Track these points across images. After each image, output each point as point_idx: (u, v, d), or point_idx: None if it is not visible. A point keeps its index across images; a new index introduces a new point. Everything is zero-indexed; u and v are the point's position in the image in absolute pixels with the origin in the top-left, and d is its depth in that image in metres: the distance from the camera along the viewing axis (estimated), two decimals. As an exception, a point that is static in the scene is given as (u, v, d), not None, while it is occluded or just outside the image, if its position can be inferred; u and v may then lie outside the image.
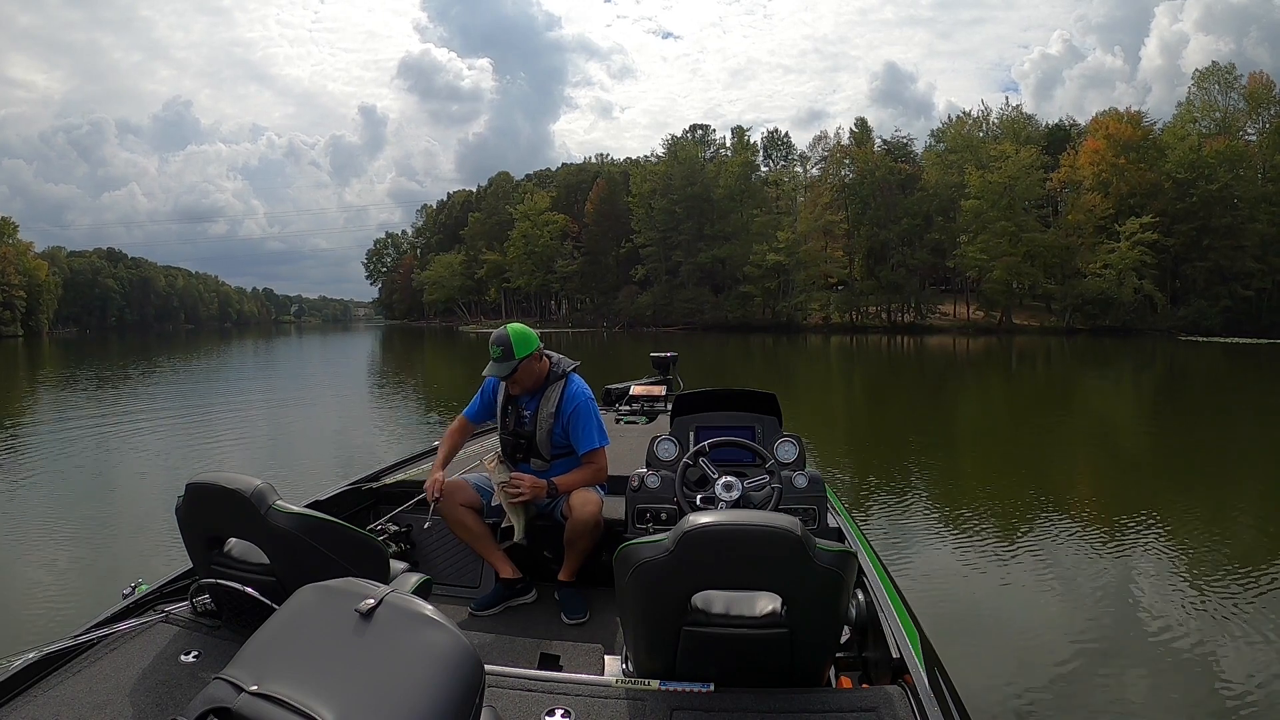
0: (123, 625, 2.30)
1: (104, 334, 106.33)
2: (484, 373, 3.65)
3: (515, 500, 3.57)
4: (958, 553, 6.42)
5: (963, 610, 5.20)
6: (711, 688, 2.02)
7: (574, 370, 3.84)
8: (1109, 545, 6.55)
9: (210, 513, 2.34)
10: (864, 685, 2.25)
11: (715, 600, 2.05)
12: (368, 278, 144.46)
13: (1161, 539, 6.71)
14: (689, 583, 1.98)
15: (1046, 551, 6.39)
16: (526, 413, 3.76)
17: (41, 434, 14.28)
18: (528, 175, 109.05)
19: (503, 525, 3.72)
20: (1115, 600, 5.39)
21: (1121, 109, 63.76)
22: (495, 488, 3.59)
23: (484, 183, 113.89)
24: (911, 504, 8.01)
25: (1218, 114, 60.37)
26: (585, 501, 3.53)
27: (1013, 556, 6.28)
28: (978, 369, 30.83)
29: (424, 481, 3.81)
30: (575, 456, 3.74)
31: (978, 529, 7.04)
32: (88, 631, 2.24)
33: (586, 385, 3.84)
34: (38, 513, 8.15)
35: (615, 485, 3.81)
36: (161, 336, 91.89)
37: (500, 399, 3.83)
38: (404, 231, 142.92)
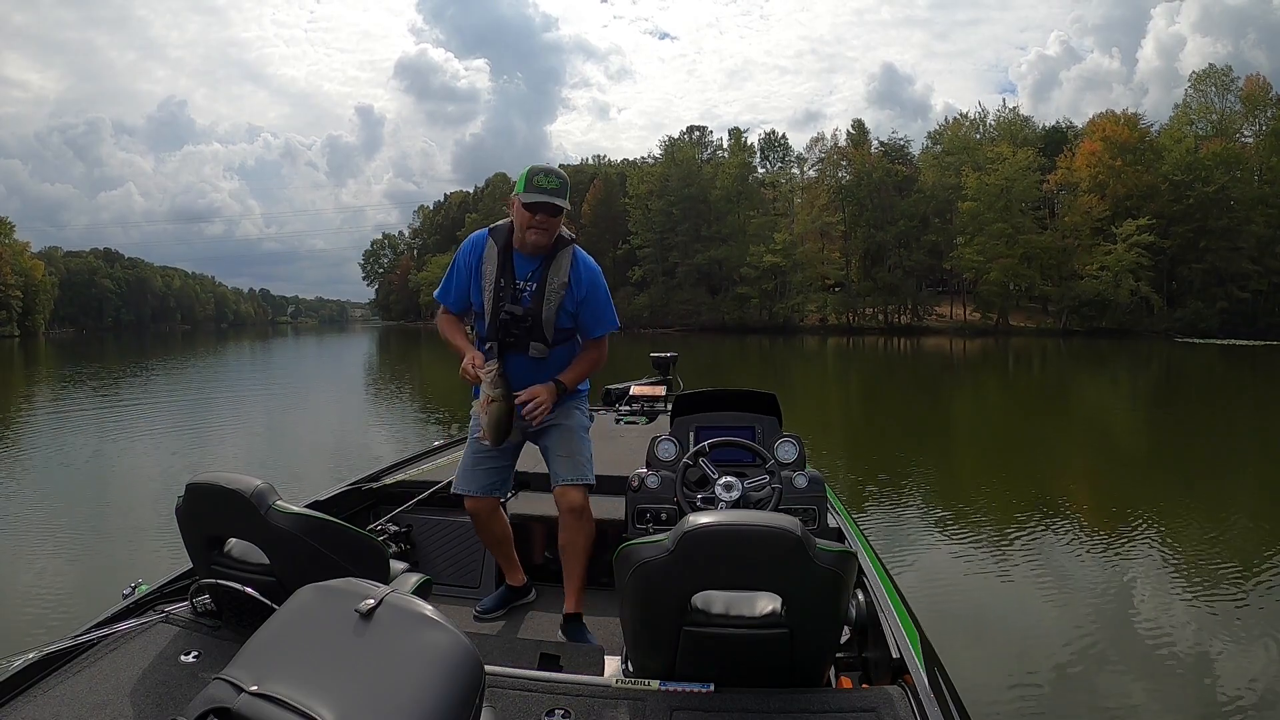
0: (123, 625, 2.29)
1: (100, 334, 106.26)
2: (526, 199, 2.97)
3: (538, 420, 3.16)
4: (958, 553, 6.43)
5: (963, 610, 5.21)
6: (711, 688, 2.02)
7: None
8: (1108, 545, 6.57)
9: (210, 513, 2.33)
10: (864, 685, 2.25)
11: (715, 600, 2.04)
12: (364, 279, 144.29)
13: (1160, 539, 6.72)
14: (689, 583, 1.98)
15: (1046, 552, 6.40)
16: (527, 285, 3.17)
17: (41, 434, 14.28)
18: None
19: (477, 436, 3.27)
20: (1115, 600, 5.41)
21: (1118, 111, 63.88)
22: (482, 400, 3.08)
23: (481, 184, 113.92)
24: (911, 504, 8.03)
25: (1214, 116, 60.55)
26: (578, 518, 3.22)
27: (1013, 556, 6.29)
28: (975, 370, 30.88)
29: (424, 481, 3.80)
30: (572, 343, 3.34)
31: (978, 529, 7.05)
32: (88, 631, 2.24)
33: None
34: (38, 513, 8.15)
35: (615, 485, 3.80)
36: (158, 337, 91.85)
37: (490, 269, 3.18)
38: (401, 232, 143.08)
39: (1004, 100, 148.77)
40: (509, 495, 4.11)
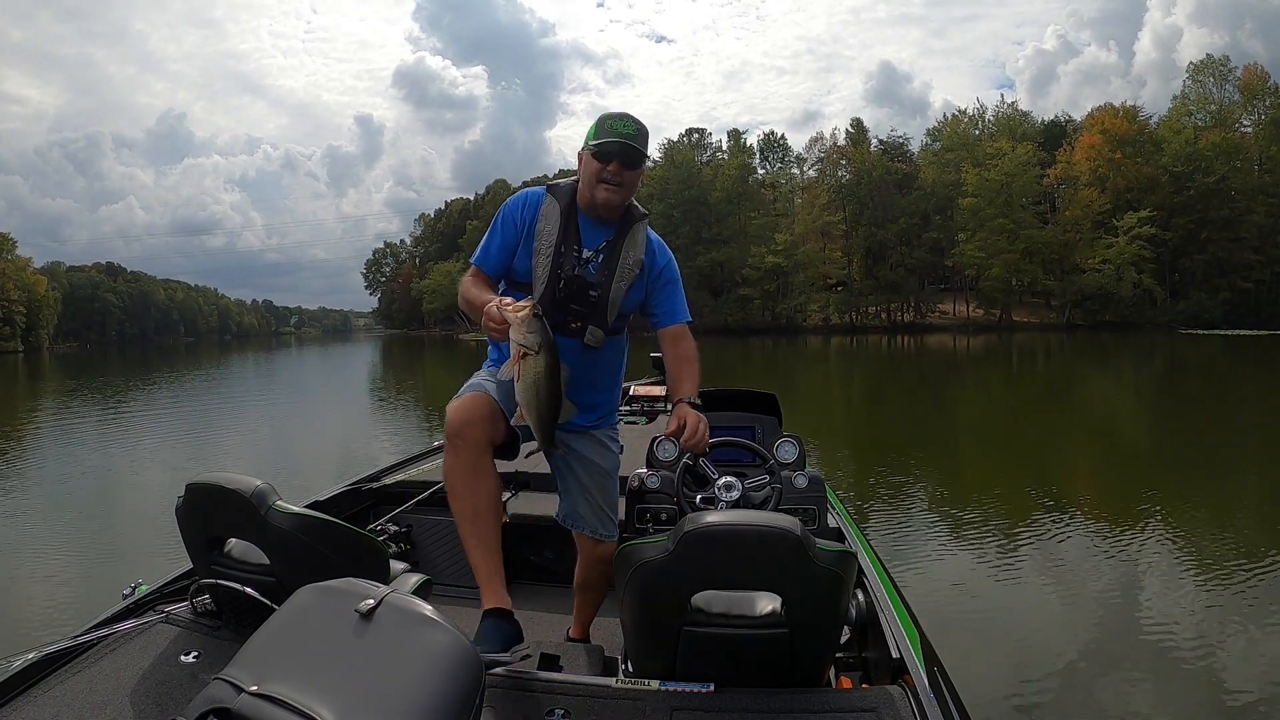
0: (123, 626, 2.29)
1: (104, 348, 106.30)
2: (598, 144, 2.46)
3: (697, 445, 2.56)
4: (958, 553, 6.42)
5: (963, 610, 5.18)
6: (711, 688, 2.01)
7: None
8: (1110, 543, 6.54)
9: (210, 513, 2.34)
10: (864, 685, 2.25)
11: (715, 600, 2.03)
12: (367, 288, 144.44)
13: (1163, 536, 6.70)
14: (689, 583, 1.98)
15: (1047, 550, 6.37)
16: (594, 257, 2.60)
17: (42, 436, 14.34)
18: (525, 182, 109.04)
19: (519, 433, 2.50)
20: (1116, 599, 5.38)
21: (1117, 104, 64.15)
22: (512, 355, 2.25)
23: (481, 190, 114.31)
24: (912, 504, 8.00)
25: (1213, 107, 60.64)
26: (605, 564, 2.75)
27: (1014, 555, 6.27)
28: (978, 367, 30.84)
29: (424, 482, 3.80)
30: (621, 337, 2.80)
31: (978, 528, 7.03)
32: (88, 632, 2.24)
33: None
34: (38, 513, 8.20)
35: None
36: (161, 350, 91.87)
37: (550, 230, 2.58)
38: (402, 241, 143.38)
39: (1002, 96, 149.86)
40: (509, 494, 4.11)
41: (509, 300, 2.30)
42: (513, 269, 2.65)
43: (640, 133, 2.51)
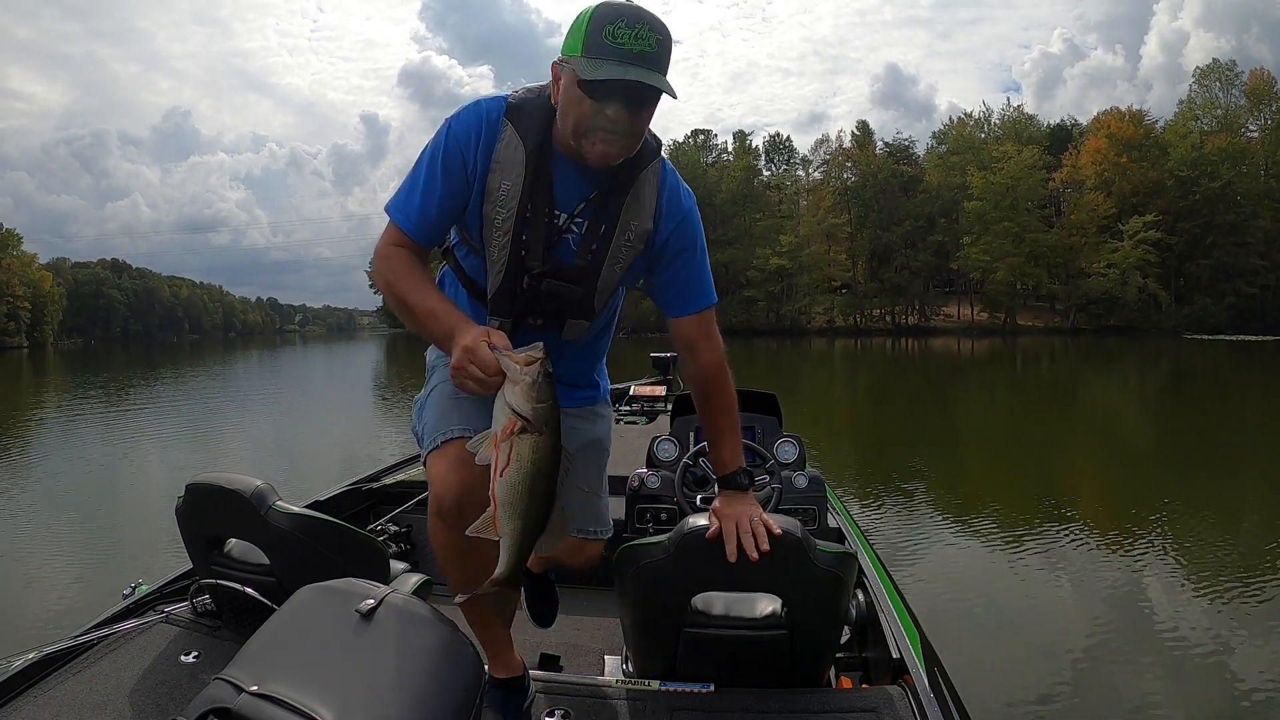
0: (123, 625, 2.30)
1: (109, 344, 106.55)
2: (590, 72, 1.55)
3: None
4: (958, 553, 6.41)
5: (963, 610, 5.17)
6: (712, 688, 2.01)
7: None
8: (1111, 543, 6.52)
9: (210, 513, 2.34)
10: (864, 685, 2.26)
11: (715, 601, 2.04)
12: (371, 286, 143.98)
13: (1164, 537, 6.67)
14: (689, 584, 1.98)
15: (1047, 550, 6.36)
16: (572, 222, 1.78)
17: (43, 436, 14.35)
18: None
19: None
20: (1117, 599, 5.36)
21: (1123, 108, 63.97)
22: (502, 426, 1.52)
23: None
24: (912, 504, 7.99)
25: (1219, 111, 60.50)
26: (591, 552, 2.34)
27: (1013, 556, 6.26)
28: (981, 370, 30.77)
29: (424, 482, 3.80)
30: (612, 317, 2.10)
31: (978, 528, 7.02)
32: (88, 632, 2.24)
33: None
34: (38, 513, 8.19)
35: (615, 485, 3.80)
36: (166, 347, 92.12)
37: (510, 182, 1.72)
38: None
39: (1008, 99, 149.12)
40: None
41: (501, 338, 1.56)
42: (455, 237, 1.89)
43: (660, 49, 1.60)
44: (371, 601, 1.39)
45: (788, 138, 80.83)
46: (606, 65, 1.55)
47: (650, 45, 1.58)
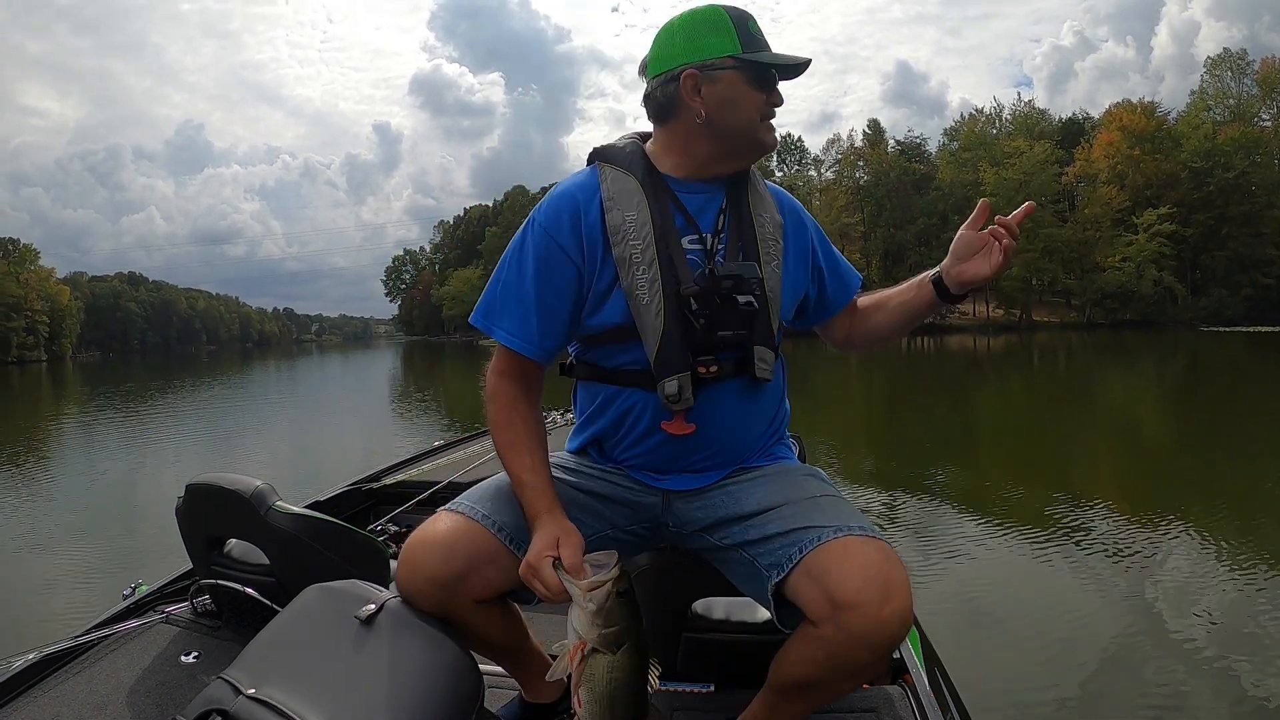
0: (123, 626, 2.30)
1: (127, 357, 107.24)
2: (758, 60, 1.57)
3: None
4: (958, 552, 6.33)
5: (963, 610, 5.13)
6: (711, 688, 2.02)
7: None
8: (1116, 544, 6.41)
9: (210, 513, 2.34)
10: (864, 685, 2.25)
11: (715, 606, 2.03)
12: (387, 295, 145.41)
13: (1170, 536, 6.53)
14: (688, 589, 1.98)
15: (1049, 550, 6.26)
16: (709, 238, 1.60)
17: (43, 436, 14.46)
18: (543, 188, 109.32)
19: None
20: (1119, 599, 5.28)
21: (1135, 100, 63.53)
22: (572, 646, 1.35)
23: (500, 197, 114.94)
24: (912, 503, 7.91)
25: (1231, 101, 60.15)
26: None
27: (1015, 555, 6.19)
28: (997, 366, 30.60)
29: (424, 482, 3.80)
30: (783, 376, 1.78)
31: (979, 528, 6.94)
32: (88, 632, 2.25)
33: None
34: (38, 513, 8.25)
35: None
36: (184, 359, 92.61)
37: (638, 219, 1.54)
38: (421, 248, 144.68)
39: (1019, 94, 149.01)
40: None
41: (575, 551, 1.39)
42: (587, 324, 1.60)
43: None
44: (373, 606, 1.43)
45: (799, 138, 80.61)
46: (771, 55, 1.59)
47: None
